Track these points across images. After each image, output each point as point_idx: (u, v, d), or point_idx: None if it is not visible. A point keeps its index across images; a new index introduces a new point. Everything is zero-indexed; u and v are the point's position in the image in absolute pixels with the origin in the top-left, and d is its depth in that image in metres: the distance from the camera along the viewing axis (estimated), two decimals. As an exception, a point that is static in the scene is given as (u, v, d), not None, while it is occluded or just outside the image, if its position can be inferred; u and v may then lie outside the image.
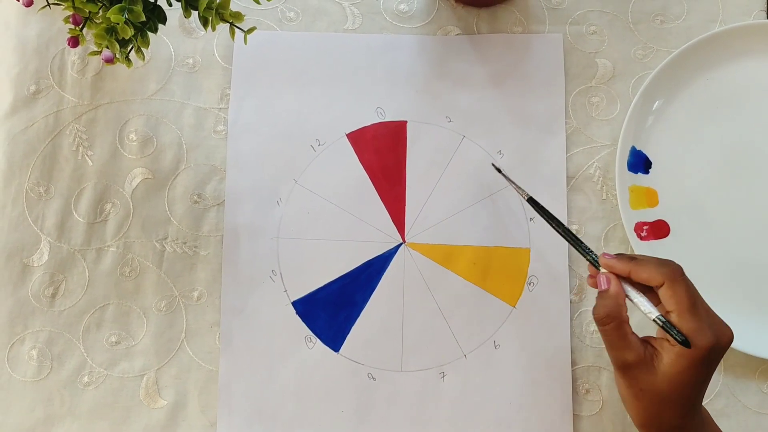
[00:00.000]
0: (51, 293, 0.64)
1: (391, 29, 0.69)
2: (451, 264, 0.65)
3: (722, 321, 0.52)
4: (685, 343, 0.49)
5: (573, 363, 0.64)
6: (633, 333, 0.52)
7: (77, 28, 0.50)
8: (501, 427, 0.63)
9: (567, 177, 0.66)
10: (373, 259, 0.65)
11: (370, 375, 0.64)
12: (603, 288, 0.53)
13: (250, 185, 0.66)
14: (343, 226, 0.66)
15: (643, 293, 0.52)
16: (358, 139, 0.67)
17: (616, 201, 0.64)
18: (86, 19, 0.49)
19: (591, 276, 0.56)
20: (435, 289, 0.65)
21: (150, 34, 0.53)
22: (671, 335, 0.49)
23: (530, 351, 0.64)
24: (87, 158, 0.66)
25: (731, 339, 0.51)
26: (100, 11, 0.48)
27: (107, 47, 0.48)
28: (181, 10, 0.53)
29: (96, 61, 0.67)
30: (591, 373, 0.64)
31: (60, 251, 0.65)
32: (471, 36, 0.68)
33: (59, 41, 0.67)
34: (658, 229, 0.65)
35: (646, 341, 0.52)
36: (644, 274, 0.51)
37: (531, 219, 0.66)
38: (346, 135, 0.67)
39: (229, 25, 0.53)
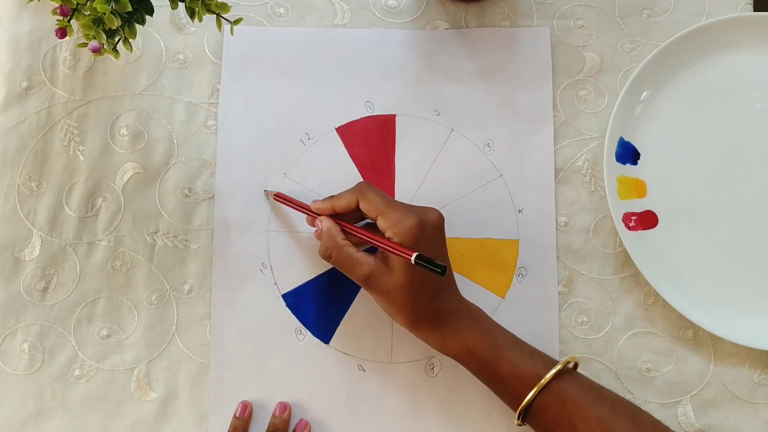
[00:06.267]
0: (42, 287, 0.65)
1: (380, 24, 0.69)
2: (440, 256, 0.65)
3: (429, 207, 0.58)
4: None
5: (561, 353, 0.64)
6: (358, 251, 0.58)
7: (65, 19, 0.51)
8: (491, 418, 0.63)
9: (555, 169, 0.67)
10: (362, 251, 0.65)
11: (360, 367, 0.64)
12: (318, 229, 0.60)
13: (241, 179, 0.66)
14: (333, 219, 0.66)
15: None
16: (348, 132, 0.67)
17: (605, 192, 0.65)
18: (74, 10, 0.50)
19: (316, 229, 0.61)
20: (424, 281, 0.65)
21: (139, 27, 0.54)
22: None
23: (520, 342, 0.64)
24: (78, 153, 0.66)
25: (439, 215, 0.58)
26: (88, 2, 0.49)
27: (94, 38, 0.49)
28: (169, 6, 0.54)
29: (87, 57, 0.68)
30: (580, 362, 0.64)
31: (51, 245, 0.65)
32: (459, 30, 0.69)
33: (51, 38, 0.68)
34: (647, 220, 0.65)
35: (378, 254, 0.58)
36: (342, 203, 0.59)
37: (519, 211, 0.66)
38: (336, 129, 0.67)
39: (216, 18, 0.54)
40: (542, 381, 0.55)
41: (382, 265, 0.56)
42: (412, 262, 0.52)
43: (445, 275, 0.52)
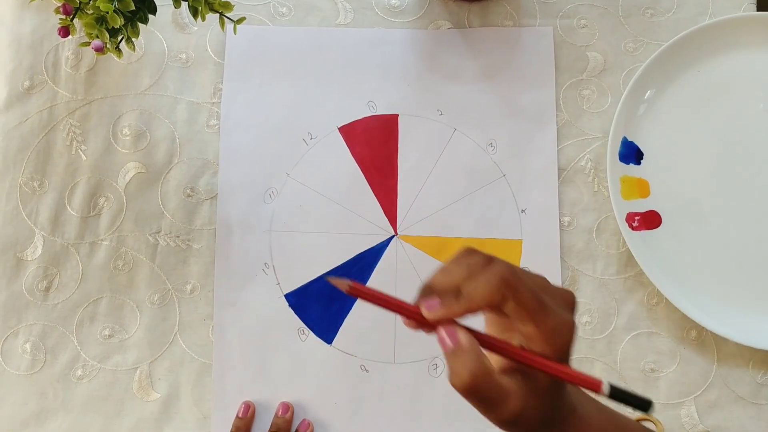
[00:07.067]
0: (45, 287, 0.65)
1: (382, 24, 0.69)
2: (443, 256, 0.65)
3: (563, 289, 0.41)
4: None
5: (565, 354, 0.64)
6: (501, 374, 0.38)
7: (68, 18, 0.50)
8: (494, 418, 0.63)
9: (558, 169, 0.66)
10: (365, 251, 0.65)
11: (363, 367, 0.64)
12: (451, 346, 0.38)
13: (243, 179, 0.66)
14: (336, 219, 0.66)
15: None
16: (350, 132, 0.67)
17: (608, 192, 0.65)
18: (77, 9, 0.50)
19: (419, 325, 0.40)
20: (427, 281, 0.65)
21: (142, 26, 0.54)
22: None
23: (523, 342, 0.64)
24: (80, 153, 0.66)
25: (575, 299, 0.41)
26: (91, 1, 0.49)
27: (97, 37, 0.49)
28: (172, 6, 0.54)
29: (89, 57, 0.68)
30: (583, 364, 0.64)
31: (54, 245, 0.65)
32: (462, 30, 0.69)
33: (53, 37, 0.67)
34: (650, 220, 0.65)
35: (512, 370, 0.39)
36: (479, 303, 0.38)
37: (523, 211, 0.66)
38: (338, 128, 0.67)
39: (219, 16, 0.54)
40: None
41: (528, 393, 0.38)
42: (606, 395, 0.38)
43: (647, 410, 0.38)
